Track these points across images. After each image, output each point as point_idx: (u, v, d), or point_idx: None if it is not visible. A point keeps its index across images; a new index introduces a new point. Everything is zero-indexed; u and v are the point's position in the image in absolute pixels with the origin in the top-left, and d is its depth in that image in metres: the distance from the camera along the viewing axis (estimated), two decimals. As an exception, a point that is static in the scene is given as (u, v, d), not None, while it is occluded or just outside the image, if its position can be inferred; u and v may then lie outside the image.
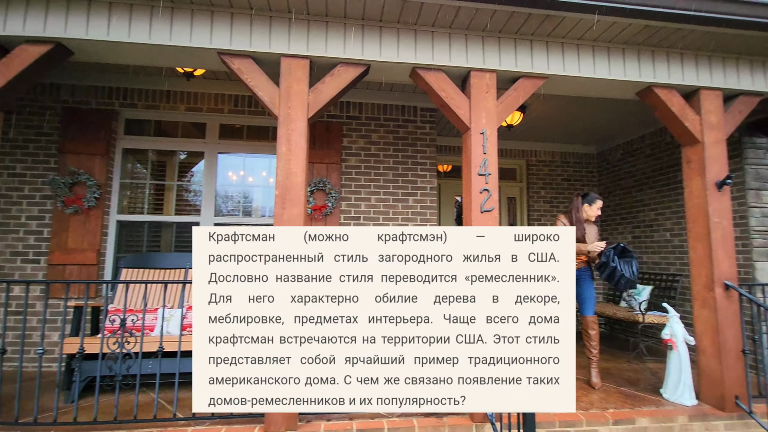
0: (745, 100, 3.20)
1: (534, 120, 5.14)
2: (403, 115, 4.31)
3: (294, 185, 2.61)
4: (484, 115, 2.87)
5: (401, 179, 4.20)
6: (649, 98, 3.17)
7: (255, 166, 4.53)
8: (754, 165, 3.91)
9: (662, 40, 3.01)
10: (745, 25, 2.79)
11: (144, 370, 2.89)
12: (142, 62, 2.93)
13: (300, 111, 2.69)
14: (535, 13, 2.70)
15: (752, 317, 3.32)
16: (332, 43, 2.76)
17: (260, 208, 4.46)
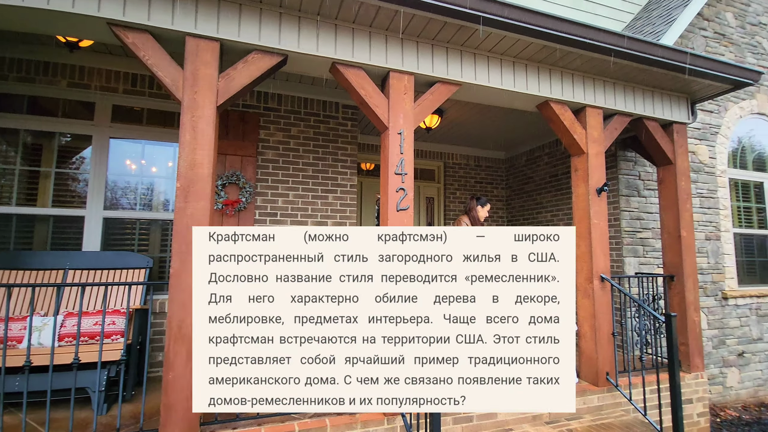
0: (620, 119, 3.73)
1: (451, 124, 5.42)
2: (324, 110, 4.23)
3: (199, 177, 2.40)
4: (401, 115, 2.94)
5: (321, 176, 4.12)
6: (546, 111, 3.52)
7: (158, 155, 4.09)
8: (626, 175, 4.59)
9: (558, 60, 3.36)
10: (621, 55, 3.25)
11: (9, 387, 2.45)
12: (14, 27, 2.46)
13: (208, 97, 2.48)
14: (450, 22, 2.83)
15: (621, 305, 3.90)
16: (246, 28, 2.59)
17: (165, 201, 4.04)
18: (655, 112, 3.87)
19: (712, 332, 4.67)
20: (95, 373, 2.58)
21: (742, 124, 5.39)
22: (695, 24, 5.10)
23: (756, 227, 5.29)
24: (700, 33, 5.14)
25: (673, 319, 2.83)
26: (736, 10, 5.47)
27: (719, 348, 4.69)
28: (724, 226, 4.98)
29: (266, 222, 3.88)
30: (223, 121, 3.80)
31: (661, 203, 4.12)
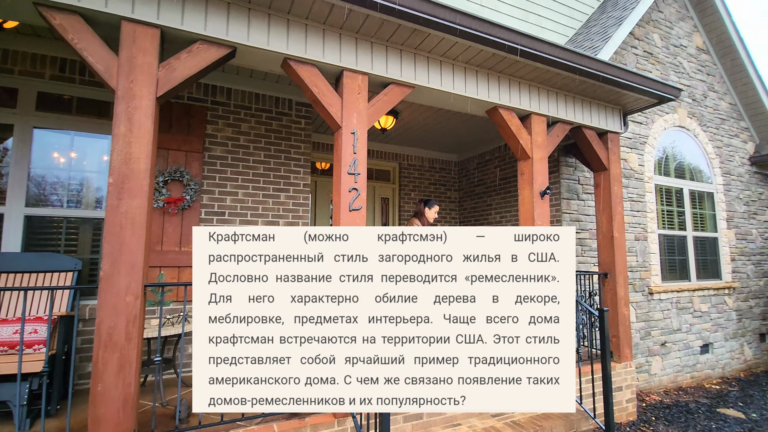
0: (561, 126, 3.97)
1: (405, 126, 5.49)
2: (277, 107, 4.11)
3: (135, 173, 2.24)
4: (355, 115, 2.92)
5: (273, 174, 4.01)
6: (494, 117, 3.67)
7: (91, 148, 3.76)
8: (567, 179, 4.90)
9: (506, 68, 3.51)
10: (563, 66, 3.46)
11: None
12: None
13: (146, 87, 2.32)
14: (404, 24, 2.86)
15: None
16: (191, 15, 2.46)
17: (98, 198, 3.72)
18: (593, 121, 4.16)
19: (640, 324, 5.10)
20: (15, 386, 2.33)
21: (666, 136, 5.95)
22: (628, 42, 5.55)
23: (677, 229, 5.86)
24: (631, 51, 5.60)
25: (606, 313, 3.05)
26: (661, 32, 6.03)
27: (645, 339, 5.14)
28: (650, 228, 5.47)
29: (213, 221, 3.70)
30: (166, 113, 3.58)
31: (596, 206, 4.44)
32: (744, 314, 6.34)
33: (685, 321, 5.58)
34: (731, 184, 6.61)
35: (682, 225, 5.93)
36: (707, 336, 5.80)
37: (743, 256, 6.53)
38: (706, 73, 6.56)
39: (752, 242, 6.71)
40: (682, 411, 4.48)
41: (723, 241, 6.28)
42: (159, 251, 3.46)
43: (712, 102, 6.58)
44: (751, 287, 6.53)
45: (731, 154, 6.72)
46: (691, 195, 6.11)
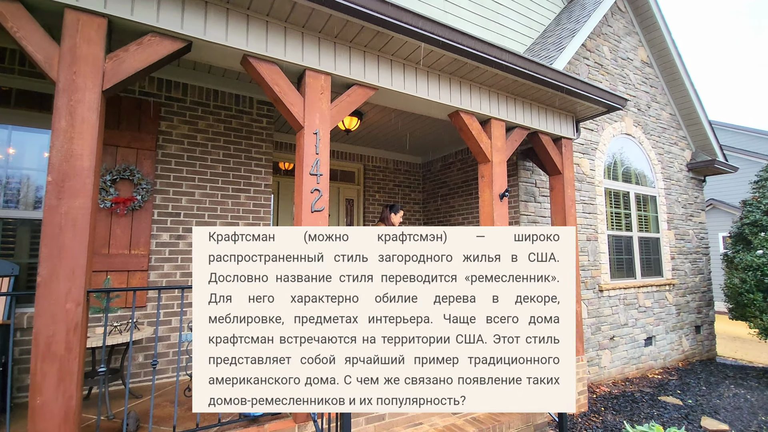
0: (519, 131, 4.13)
1: (370, 127, 5.49)
2: (237, 104, 3.98)
3: (77, 171, 2.09)
4: (318, 115, 2.89)
5: (233, 174, 3.88)
6: (456, 121, 3.75)
7: (32, 144, 3.47)
8: (525, 182, 5.09)
9: (467, 74, 3.60)
10: (520, 74, 3.60)
11: None
12: None
13: (91, 79, 2.17)
14: (367, 26, 2.86)
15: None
16: (142, 6, 2.33)
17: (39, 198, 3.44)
18: (548, 127, 4.36)
19: (591, 320, 5.40)
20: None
21: (614, 142, 6.34)
22: (580, 53, 5.87)
23: (624, 230, 6.25)
24: (584, 61, 5.92)
25: (559, 311, 3.19)
26: (611, 45, 6.43)
27: (596, 334, 5.44)
28: (600, 229, 5.80)
29: (167, 222, 3.52)
30: (114, 108, 3.37)
31: (551, 208, 4.65)
32: (682, 308, 6.87)
33: (632, 316, 5.96)
34: (671, 188, 7.15)
35: (628, 226, 6.33)
36: (651, 329, 6.23)
37: (681, 254, 7.07)
38: (649, 85, 7.06)
39: (689, 242, 7.29)
40: (629, 400, 4.78)
41: (664, 241, 6.77)
42: (106, 254, 3.25)
43: (655, 112, 7.09)
44: (688, 283, 7.08)
45: (671, 160, 7.27)
46: (637, 198, 6.54)
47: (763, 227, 5.96)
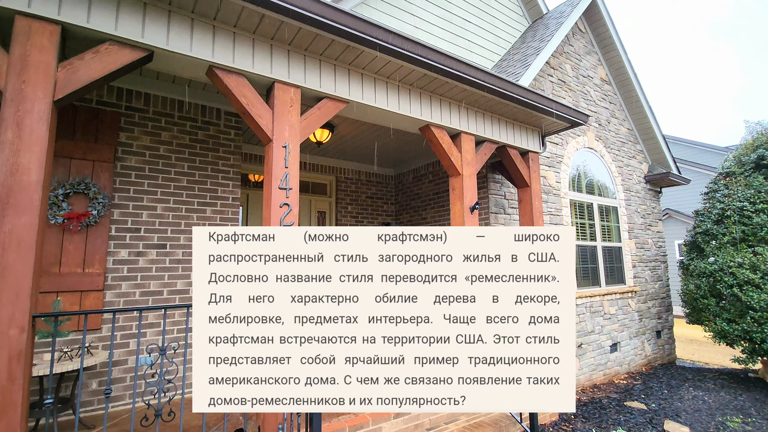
0: (488, 145, 4.22)
1: (342, 139, 5.47)
2: (204, 116, 3.86)
3: (23, 186, 1.94)
4: (287, 128, 2.84)
5: (198, 187, 3.74)
6: (427, 134, 3.79)
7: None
8: (494, 195, 5.20)
9: (437, 89, 3.66)
10: (487, 90, 3.69)
11: None
12: None
13: (42, 89, 2.04)
14: (337, 40, 2.86)
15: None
16: (99, 13, 2.23)
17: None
18: (516, 141, 4.48)
19: (560, 329, 5.51)
20: None
21: (578, 155, 6.60)
22: (545, 70, 6.11)
23: (588, 240, 6.49)
24: (548, 78, 6.17)
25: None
26: (572, 63, 6.74)
27: (565, 342, 5.56)
28: (567, 239, 5.98)
29: (125, 238, 3.34)
30: (68, 118, 3.18)
31: (520, 219, 4.75)
32: (644, 314, 7.16)
33: (598, 323, 6.16)
34: (631, 199, 7.51)
35: (593, 236, 6.57)
36: (615, 336, 6.45)
37: (642, 262, 7.40)
38: (609, 101, 7.44)
39: (648, 250, 7.65)
40: (597, 407, 4.90)
41: (626, 250, 7.07)
42: (56, 274, 3.03)
43: (615, 127, 7.47)
44: (648, 290, 7.41)
45: (630, 173, 7.65)
46: (600, 209, 6.82)
47: (714, 236, 6.34)
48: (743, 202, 6.02)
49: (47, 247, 3.01)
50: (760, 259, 5.54)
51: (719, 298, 6.00)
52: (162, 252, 3.48)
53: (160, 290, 3.44)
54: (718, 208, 6.35)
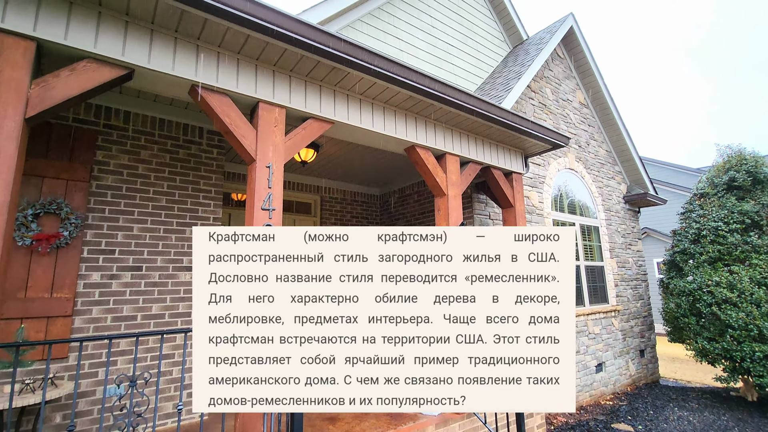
0: (473, 166, 4.26)
1: (327, 159, 5.45)
2: (185, 134, 3.79)
3: (-14, 207, 1.83)
4: (271, 148, 2.80)
5: (178, 206, 3.63)
6: (412, 155, 3.80)
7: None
8: (479, 215, 5.23)
9: (422, 110, 3.70)
10: (471, 112, 3.75)
11: None
12: None
13: (13, 106, 1.96)
14: (323, 62, 2.86)
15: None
16: (78, 30, 2.17)
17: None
18: (499, 162, 4.54)
19: (546, 350, 5.49)
20: None
21: (559, 176, 6.74)
22: (526, 94, 6.28)
23: (572, 259, 6.56)
24: (529, 101, 6.34)
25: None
26: (552, 87, 6.96)
27: (551, 363, 5.52)
28: (551, 259, 6.02)
29: (98, 261, 3.19)
30: (42, 136, 3.07)
31: (506, 240, 4.77)
32: (627, 333, 7.22)
33: (583, 343, 6.16)
34: (611, 219, 7.67)
35: (576, 255, 6.65)
36: (600, 356, 6.46)
37: (623, 281, 7.51)
38: (587, 124, 7.67)
39: (629, 269, 7.78)
40: (584, 430, 4.84)
41: (608, 269, 7.17)
42: (21, 299, 2.85)
43: (594, 149, 7.68)
44: (631, 309, 7.49)
45: (610, 193, 7.84)
46: (582, 228, 6.93)
47: (691, 255, 6.50)
48: (717, 222, 6.21)
49: (13, 271, 2.84)
50: (737, 278, 5.68)
51: (699, 316, 6.10)
52: (137, 275, 3.33)
53: (133, 315, 3.27)
54: (695, 228, 6.53)
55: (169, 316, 3.42)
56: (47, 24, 2.09)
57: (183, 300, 3.53)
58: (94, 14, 2.22)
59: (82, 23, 2.19)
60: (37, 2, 2.07)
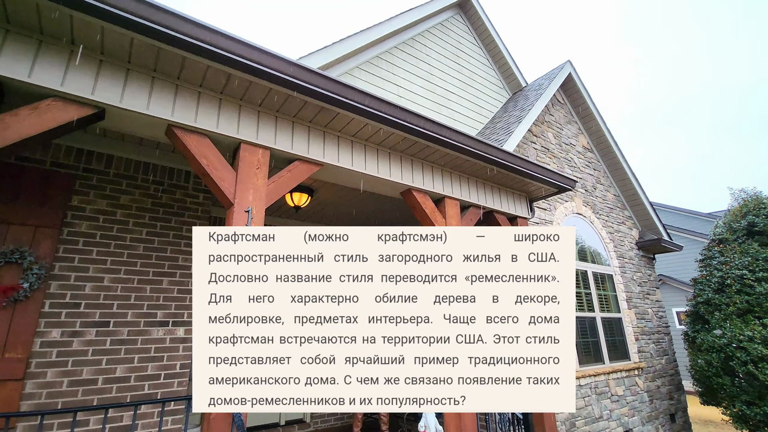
0: (474, 210, 4.00)
1: (321, 204, 5.25)
2: (170, 179, 3.63)
3: None
4: (251, 192, 2.58)
5: (156, 255, 3.37)
6: (409, 199, 3.57)
7: None
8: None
9: (419, 153, 3.52)
10: (472, 154, 3.56)
11: None
12: None
13: (-43, 145, 1.78)
14: (311, 102, 2.73)
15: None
16: (44, 68, 2.04)
17: None
18: (503, 206, 4.29)
19: (564, 416, 4.89)
20: None
21: (567, 221, 6.44)
22: (527, 138, 6.17)
23: (586, 310, 6.08)
24: (531, 145, 6.22)
25: (530, 416, 2.75)
26: (554, 131, 6.88)
27: (571, 431, 4.90)
28: (563, 310, 5.57)
29: (60, 316, 2.88)
30: (12, 180, 2.90)
31: (513, 290, 4.39)
32: (654, 395, 6.52)
33: (605, 407, 5.51)
34: (625, 266, 7.24)
35: (590, 306, 6.18)
36: (626, 421, 5.76)
37: (644, 335, 6.92)
38: (593, 168, 7.50)
39: (649, 321, 7.21)
40: None
41: (626, 321, 6.63)
42: (-37, 361, 2.53)
43: (601, 193, 7.45)
44: (655, 366, 6.84)
45: (622, 239, 7.48)
46: (595, 276, 6.51)
47: (717, 306, 5.99)
48: (742, 270, 5.78)
49: (-41, 328, 2.54)
50: (772, 332, 5.15)
51: (734, 376, 5.49)
52: (103, 331, 3.00)
53: (94, 378, 2.90)
54: (717, 276, 6.08)
55: (134, 379, 3.04)
56: (10, 62, 1.96)
57: (153, 360, 3.16)
58: (64, 51, 2.11)
59: (50, 63, 2.07)
60: (1, 39, 1.96)
